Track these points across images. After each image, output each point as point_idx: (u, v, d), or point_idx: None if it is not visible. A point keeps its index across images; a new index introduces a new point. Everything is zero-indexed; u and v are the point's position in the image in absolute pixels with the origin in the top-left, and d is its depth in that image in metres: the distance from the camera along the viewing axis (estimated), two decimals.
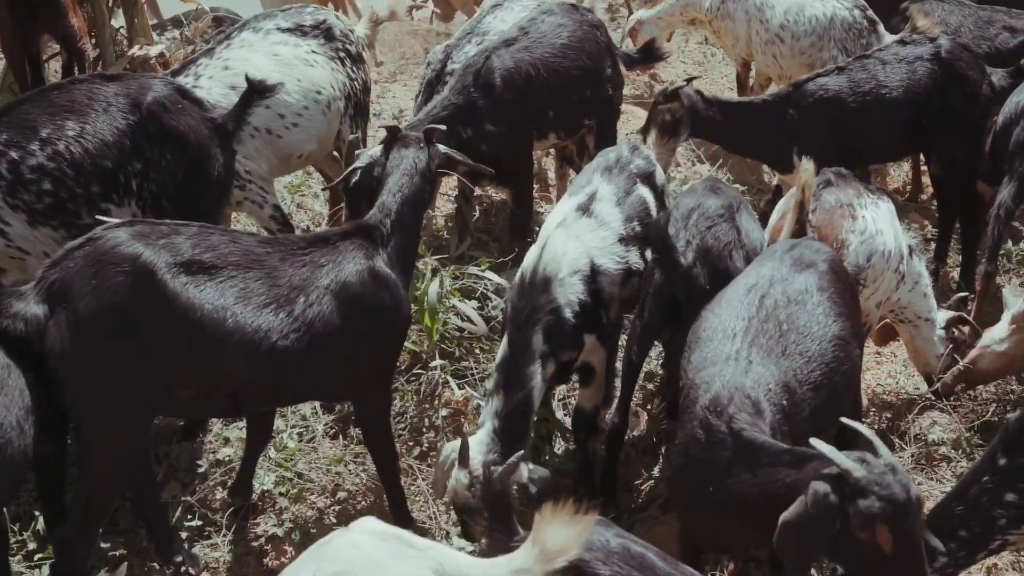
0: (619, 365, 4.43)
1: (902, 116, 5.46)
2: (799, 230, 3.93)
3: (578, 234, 4.00)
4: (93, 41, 6.84)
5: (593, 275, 3.97)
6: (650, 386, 4.95)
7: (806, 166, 3.88)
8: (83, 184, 4.15)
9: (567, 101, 5.28)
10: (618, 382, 4.30)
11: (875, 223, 4.24)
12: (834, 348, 3.39)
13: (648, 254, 4.17)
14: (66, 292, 3.26)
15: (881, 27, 6.57)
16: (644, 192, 4.29)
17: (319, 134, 5.11)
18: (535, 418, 4.04)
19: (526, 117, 5.17)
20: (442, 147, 4.12)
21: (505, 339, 3.83)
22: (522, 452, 3.48)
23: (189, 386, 3.49)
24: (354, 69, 5.26)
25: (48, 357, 3.29)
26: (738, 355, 3.24)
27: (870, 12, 6.57)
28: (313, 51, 5.09)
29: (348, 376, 3.72)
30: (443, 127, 4.27)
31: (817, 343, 3.36)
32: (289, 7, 5.31)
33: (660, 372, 4.93)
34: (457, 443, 3.61)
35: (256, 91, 4.35)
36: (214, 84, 4.79)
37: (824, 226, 4.06)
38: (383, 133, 4.18)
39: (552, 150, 5.99)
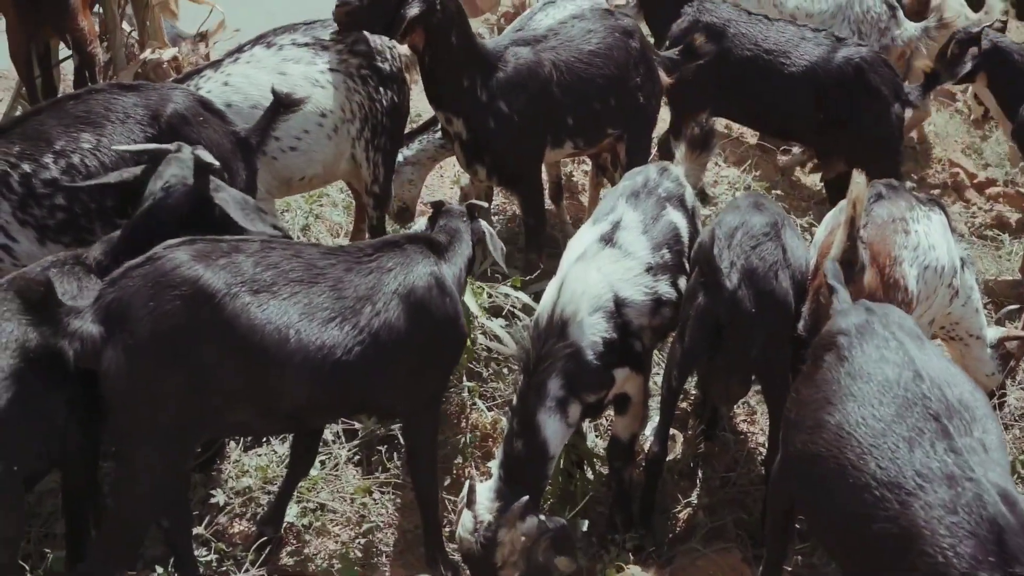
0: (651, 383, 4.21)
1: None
2: (850, 247, 3.71)
3: (600, 266, 3.78)
4: (105, 44, 6.67)
5: (618, 309, 3.74)
6: (683, 404, 4.75)
7: (857, 179, 3.66)
8: (97, 199, 3.96)
9: (589, 109, 5.05)
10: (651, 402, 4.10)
11: (928, 237, 4.02)
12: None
13: (681, 283, 3.96)
14: (123, 313, 3.14)
15: (900, 14, 6.47)
16: (674, 216, 4.07)
17: (323, 158, 4.79)
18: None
19: (539, 118, 4.92)
20: (484, 224, 4.01)
21: (520, 386, 3.65)
22: (527, 500, 3.34)
23: (247, 409, 3.37)
24: (380, 89, 4.85)
25: (101, 378, 3.16)
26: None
27: None
28: (330, 68, 4.74)
29: (407, 388, 3.60)
30: (485, 204, 4.16)
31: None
32: None
33: (695, 392, 4.75)
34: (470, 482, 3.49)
35: (282, 104, 4.15)
36: (210, 98, 4.43)
37: (876, 242, 3.84)
38: None
39: (588, 159, 5.76)
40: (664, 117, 5.93)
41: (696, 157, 4.44)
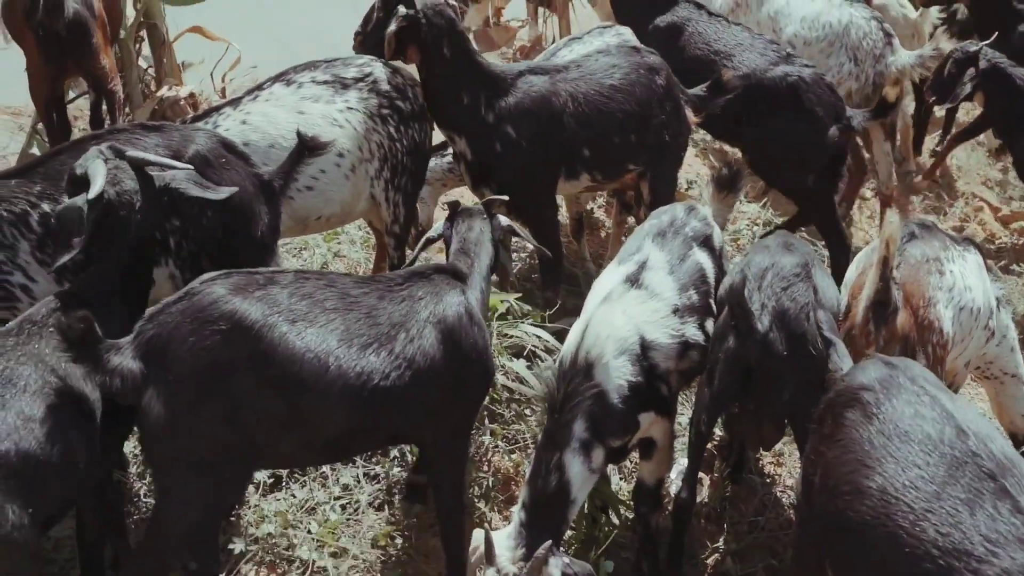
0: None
1: None
2: (883, 287, 3.63)
3: (625, 308, 3.70)
4: (120, 82, 6.67)
5: (644, 352, 3.66)
6: (708, 445, 4.65)
7: (891, 218, 3.60)
8: None
9: (607, 142, 5.01)
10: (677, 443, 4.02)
11: (963, 278, 3.95)
12: None
13: (708, 325, 3.88)
14: (163, 349, 3.13)
15: (896, 41, 6.49)
16: (701, 257, 4.00)
17: (340, 198, 4.71)
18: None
19: (550, 148, 4.88)
20: (504, 219, 4.01)
21: (543, 428, 3.57)
22: (550, 543, 3.24)
23: (288, 440, 3.34)
24: (401, 129, 4.79)
25: (141, 415, 3.15)
26: None
27: (886, 25, 6.53)
28: (349, 107, 4.67)
29: (437, 417, 3.57)
30: (505, 198, 4.12)
31: None
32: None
33: (720, 434, 4.66)
34: (483, 534, 3.35)
35: (307, 148, 4.08)
36: (228, 136, 4.34)
37: (910, 283, 3.76)
38: None
39: (612, 196, 5.71)
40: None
41: (724, 198, 4.38)
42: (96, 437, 3.25)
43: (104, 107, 6.56)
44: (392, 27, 4.63)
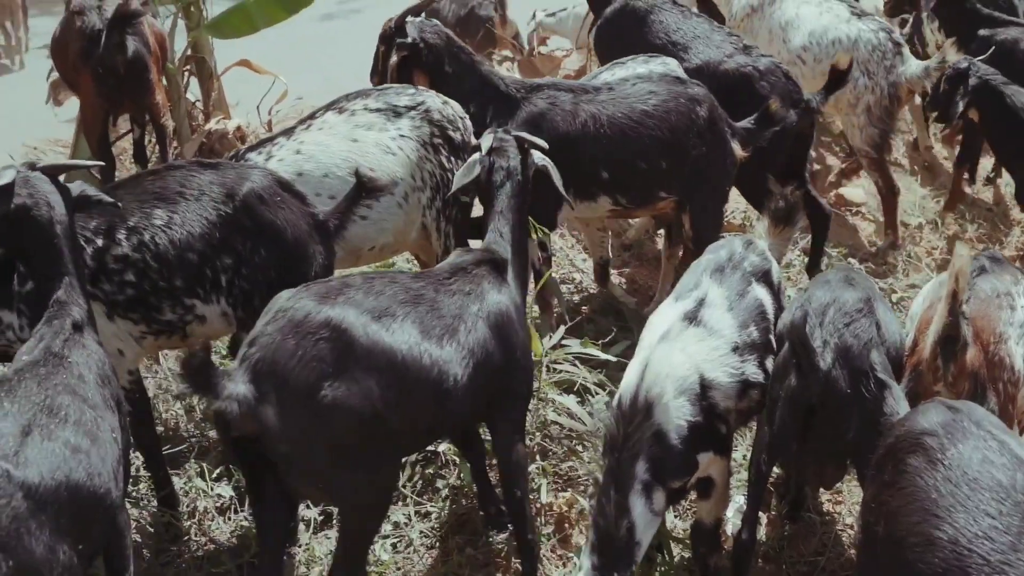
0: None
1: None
2: (952, 322, 3.52)
3: (684, 346, 3.62)
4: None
5: (703, 392, 3.58)
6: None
7: (960, 251, 3.48)
8: (166, 277, 3.91)
9: (631, 167, 4.98)
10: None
11: None
12: None
13: (768, 363, 3.79)
14: (272, 369, 3.16)
15: (906, 50, 6.49)
16: (760, 293, 3.91)
17: (393, 227, 4.70)
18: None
19: (557, 165, 4.74)
20: (538, 156, 4.18)
21: (604, 468, 3.48)
22: None
23: (405, 428, 3.44)
24: (452, 158, 4.76)
25: (264, 438, 3.17)
26: None
27: (896, 35, 6.53)
28: (402, 135, 4.66)
29: (496, 408, 3.75)
30: (539, 141, 4.24)
31: None
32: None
33: (777, 471, 4.55)
34: None
35: (365, 189, 4.07)
36: (282, 167, 4.41)
37: (980, 318, 3.64)
38: None
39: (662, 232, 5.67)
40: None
41: (780, 232, 4.29)
42: (126, 467, 3.24)
43: (147, 142, 6.64)
44: (394, 59, 4.95)
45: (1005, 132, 6.10)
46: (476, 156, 4.16)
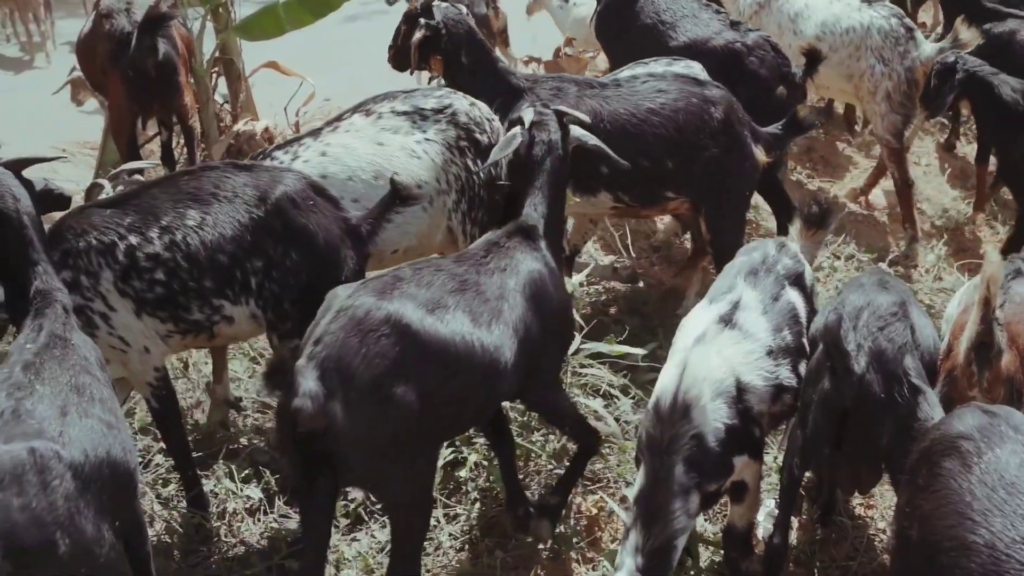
0: None
1: None
2: (985, 328, 3.48)
3: (720, 349, 3.60)
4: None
5: (740, 395, 3.56)
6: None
7: (991, 257, 3.45)
8: (196, 278, 3.92)
9: (633, 164, 4.87)
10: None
11: None
12: None
13: (801, 368, 3.77)
14: (338, 366, 3.21)
15: (919, 34, 6.56)
16: (793, 296, 3.88)
17: (418, 230, 4.69)
18: None
19: None
20: (577, 131, 4.22)
21: (642, 470, 3.46)
22: None
23: (452, 417, 3.56)
24: (478, 162, 4.72)
25: (329, 433, 3.19)
26: None
27: (907, 20, 6.63)
28: (428, 139, 4.65)
29: (540, 371, 3.86)
30: (581, 116, 4.31)
31: None
32: None
33: (808, 475, 4.52)
34: None
35: (399, 197, 4.07)
36: (307, 168, 4.42)
37: (1015, 322, 3.60)
38: None
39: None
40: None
41: (812, 235, 4.25)
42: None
43: (175, 144, 6.67)
44: (417, 36, 5.11)
45: (995, 121, 6.16)
46: (516, 129, 4.21)
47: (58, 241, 3.87)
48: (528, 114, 4.22)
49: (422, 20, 5.20)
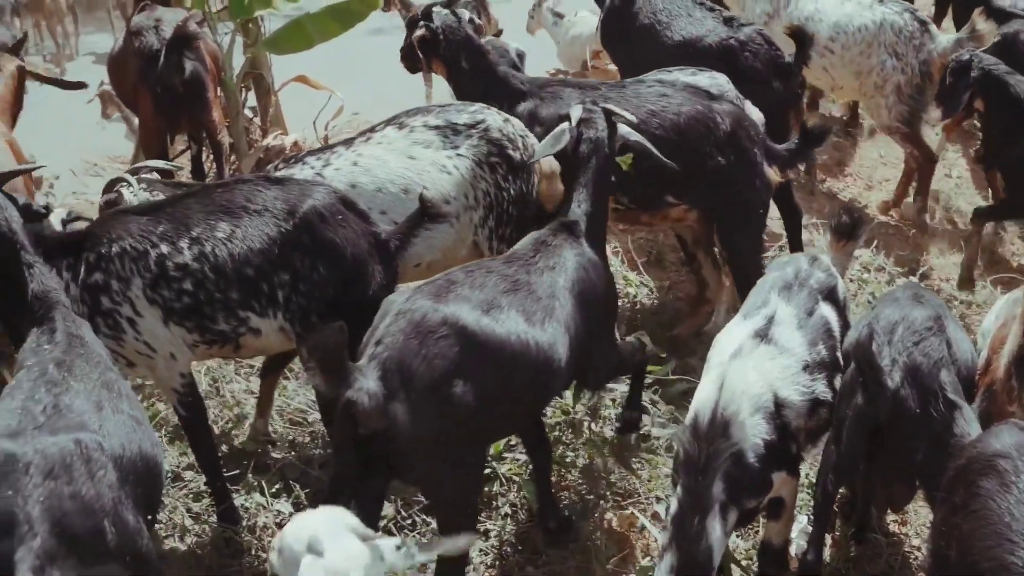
0: None
1: None
2: None
3: (757, 364, 3.58)
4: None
5: (778, 410, 3.53)
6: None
7: None
8: (222, 289, 3.94)
9: (633, 166, 4.86)
10: None
11: None
12: None
13: (837, 382, 3.73)
14: (399, 368, 3.30)
15: (933, 28, 6.59)
16: (826, 311, 3.85)
17: (443, 245, 4.66)
18: None
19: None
20: (624, 129, 4.27)
21: (679, 488, 3.42)
22: None
23: (506, 416, 3.64)
24: (508, 178, 4.70)
25: (389, 432, 3.27)
26: None
27: (920, 14, 6.64)
28: (459, 154, 4.63)
29: (591, 357, 3.96)
30: (627, 115, 4.35)
31: None
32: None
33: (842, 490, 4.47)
34: None
35: (427, 214, 4.07)
36: (338, 176, 4.43)
37: None
38: None
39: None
40: None
41: (842, 247, 4.21)
42: None
43: (204, 158, 6.71)
44: (416, 34, 5.34)
45: (1008, 119, 6.09)
46: (564, 126, 4.25)
47: (93, 243, 3.94)
48: (576, 111, 4.26)
49: (421, 22, 5.40)
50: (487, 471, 4.40)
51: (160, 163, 4.46)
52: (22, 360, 3.28)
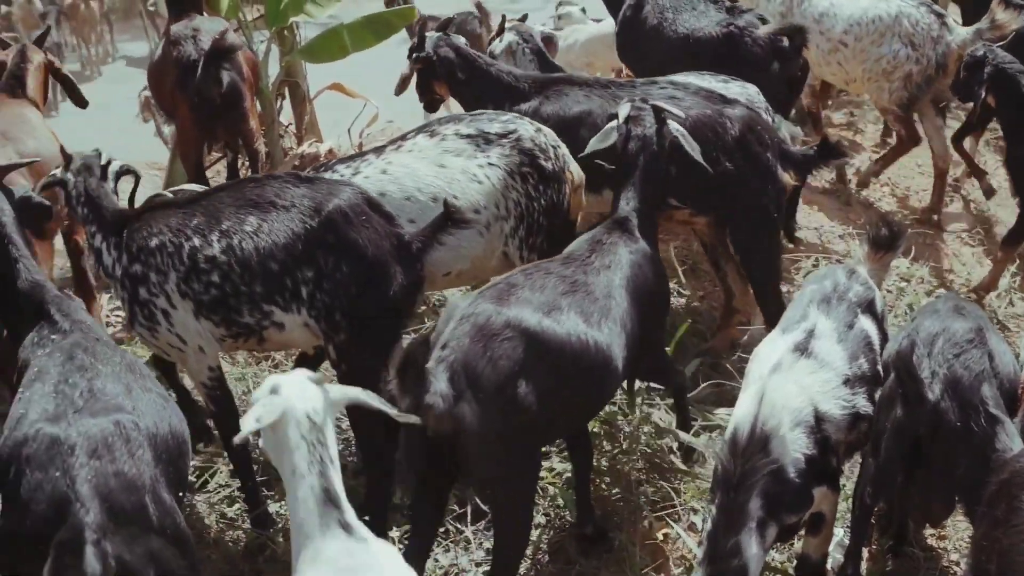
0: None
1: None
2: None
3: (797, 378, 3.54)
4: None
5: (818, 424, 3.50)
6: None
7: None
8: (247, 282, 3.99)
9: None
10: None
11: None
12: None
13: (877, 396, 3.69)
14: (466, 370, 3.37)
15: (950, 20, 6.64)
16: (866, 324, 3.81)
17: (472, 254, 4.65)
18: None
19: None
20: (674, 126, 4.32)
21: (716, 504, 3.39)
22: None
23: (565, 416, 3.71)
24: (540, 188, 4.69)
25: (456, 433, 3.34)
26: None
27: (936, 7, 6.71)
28: (490, 163, 4.62)
29: (646, 349, 4.04)
30: (676, 111, 4.43)
31: None
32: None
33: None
34: None
35: (450, 219, 4.08)
36: (367, 184, 4.43)
37: None
38: None
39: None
40: None
41: (880, 258, 4.16)
42: None
43: (240, 165, 6.75)
44: (407, 70, 5.62)
45: (1018, 116, 6.10)
46: (613, 123, 4.31)
47: (133, 236, 4.07)
48: (624, 108, 4.30)
49: (414, 55, 5.60)
50: None
51: (197, 187, 4.53)
52: (27, 355, 3.44)
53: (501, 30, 6.08)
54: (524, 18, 7.49)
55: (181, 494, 3.21)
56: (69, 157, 4.35)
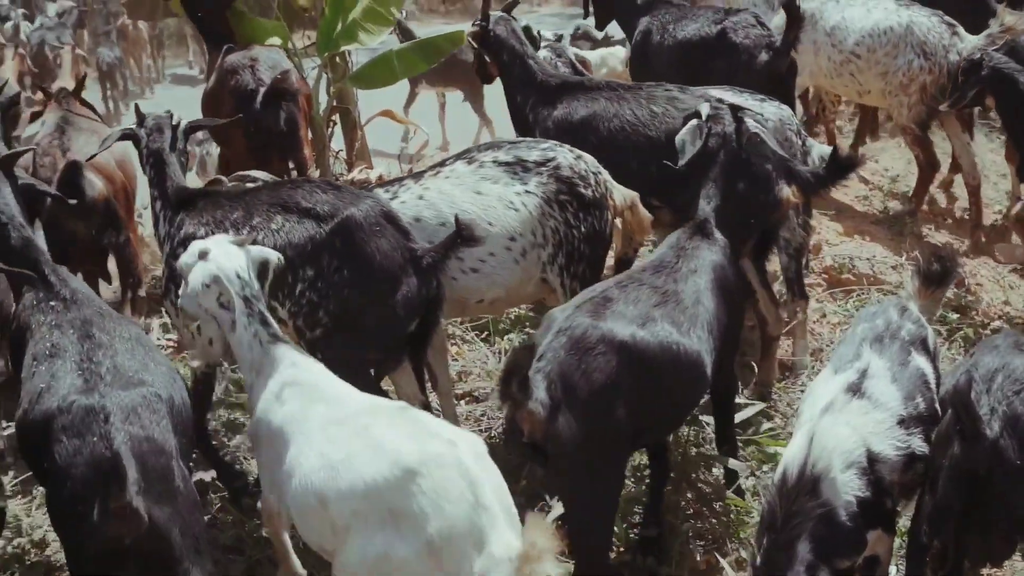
0: None
1: None
2: None
3: (849, 419, 3.49)
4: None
5: (871, 465, 3.44)
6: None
7: None
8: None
9: (624, 167, 4.95)
10: None
11: None
12: None
13: (932, 436, 3.62)
14: (562, 382, 3.50)
15: (960, 28, 6.68)
16: (921, 362, 3.75)
17: (507, 282, 4.63)
18: None
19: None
20: (752, 124, 4.35)
21: (762, 545, 3.35)
22: None
23: (656, 425, 3.87)
24: (579, 215, 4.64)
25: (553, 441, 3.49)
26: None
27: (947, 17, 6.79)
28: (528, 191, 4.61)
29: (724, 355, 4.11)
30: (751, 110, 4.52)
31: None
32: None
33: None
34: None
35: (461, 237, 4.11)
36: (403, 209, 4.47)
37: None
38: None
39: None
40: None
41: (931, 293, 4.08)
42: None
43: None
44: (467, 30, 5.83)
45: (1016, 115, 6.22)
46: (695, 123, 4.39)
47: (183, 223, 4.31)
48: (704, 108, 4.35)
49: (480, 21, 5.78)
50: None
51: (263, 174, 4.68)
52: (26, 316, 3.70)
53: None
54: (559, 38, 7.54)
55: (189, 463, 3.46)
56: (143, 115, 4.57)
